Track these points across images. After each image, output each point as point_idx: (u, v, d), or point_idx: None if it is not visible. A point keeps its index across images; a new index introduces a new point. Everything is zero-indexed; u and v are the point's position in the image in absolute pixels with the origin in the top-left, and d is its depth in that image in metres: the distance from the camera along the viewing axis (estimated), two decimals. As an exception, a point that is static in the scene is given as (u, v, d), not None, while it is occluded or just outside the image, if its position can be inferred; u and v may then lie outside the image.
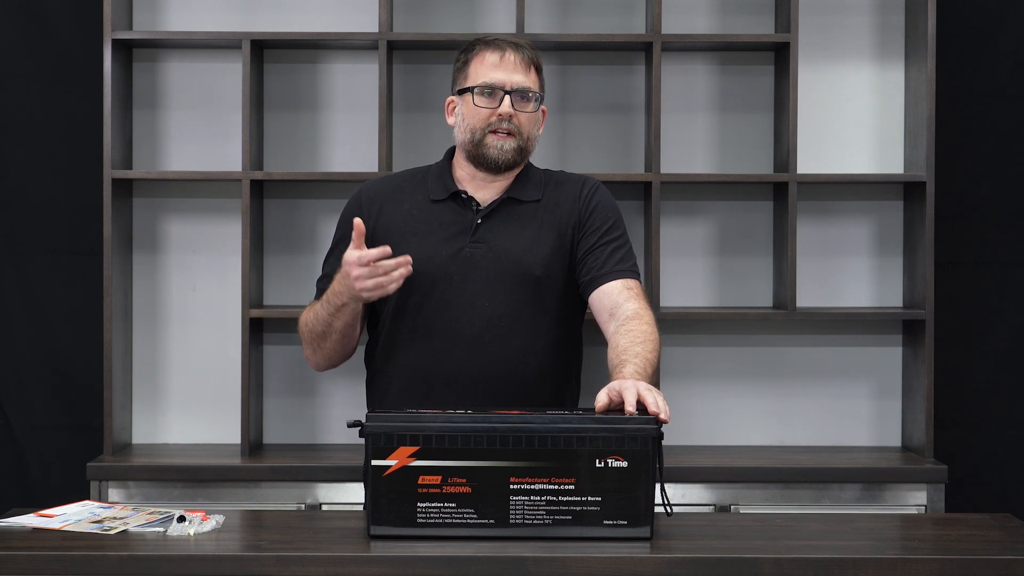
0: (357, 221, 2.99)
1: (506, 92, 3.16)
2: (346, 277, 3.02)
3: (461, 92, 3.22)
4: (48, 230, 4.32)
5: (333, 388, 4.30)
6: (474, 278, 3.16)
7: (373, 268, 2.97)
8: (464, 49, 3.27)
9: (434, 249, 3.17)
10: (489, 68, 3.18)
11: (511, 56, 3.18)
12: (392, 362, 3.24)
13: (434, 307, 3.15)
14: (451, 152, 3.32)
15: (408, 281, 3.15)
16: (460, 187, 3.23)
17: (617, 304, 3.10)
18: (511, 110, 3.15)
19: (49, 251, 4.31)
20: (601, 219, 3.21)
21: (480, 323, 3.15)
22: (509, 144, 3.16)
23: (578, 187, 3.25)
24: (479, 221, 3.18)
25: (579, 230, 3.21)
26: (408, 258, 3.00)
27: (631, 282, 3.15)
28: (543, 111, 3.28)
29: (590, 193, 3.24)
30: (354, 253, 2.99)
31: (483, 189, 3.22)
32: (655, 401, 2.66)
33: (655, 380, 2.98)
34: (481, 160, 3.18)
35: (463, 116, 3.20)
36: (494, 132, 3.16)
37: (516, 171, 3.25)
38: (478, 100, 3.16)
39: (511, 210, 3.21)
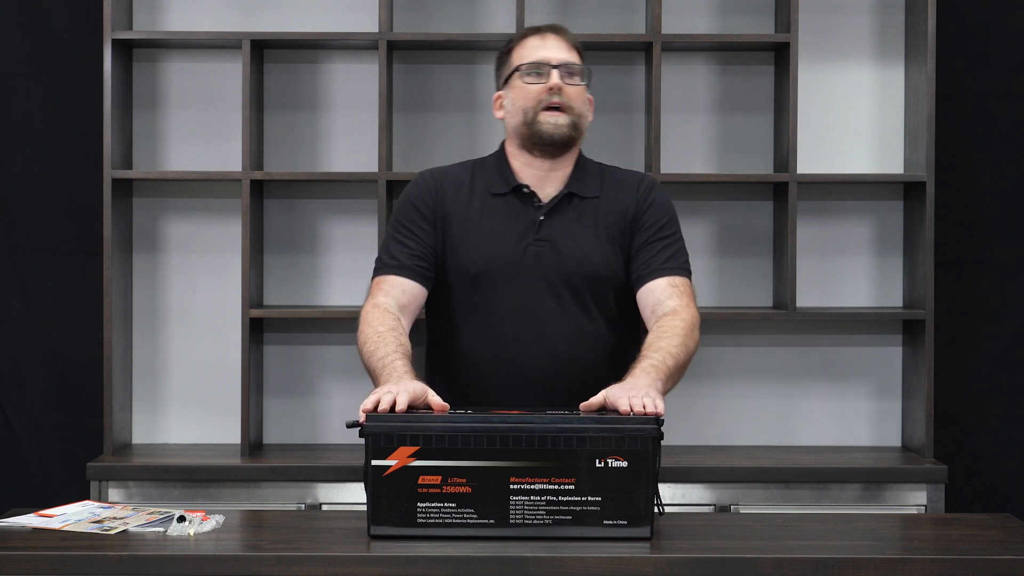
0: (438, 403, 2.74)
1: (553, 67, 3.13)
2: (385, 386, 2.80)
3: (507, 79, 3.17)
4: (48, 230, 4.32)
5: (333, 388, 4.30)
6: (539, 278, 3.13)
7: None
8: (506, 43, 3.25)
9: (499, 247, 3.12)
10: (533, 49, 3.15)
11: (552, 37, 3.17)
12: (454, 357, 3.20)
13: (501, 304, 3.12)
14: (503, 145, 3.25)
15: (474, 278, 3.12)
16: (520, 180, 3.19)
17: (659, 301, 3.08)
18: (560, 82, 3.11)
19: (49, 251, 4.32)
20: (655, 217, 3.17)
21: (549, 322, 3.12)
22: (563, 119, 3.12)
23: (635, 186, 3.20)
24: (541, 218, 3.15)
25: (633, 228, 3.17)
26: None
27: (677, 279, 3.12)
28: (590, 100, 3.24)
29: (646, 191, 3.20)
30: (403, 401, 2.71)
31: (542, 181, 3.17)
32: (641, 403, 2.66)
33: (678, 376, 2.94)
34: (537, 139, 3.12)
35: (512, 100, 3.15)
36: (547, 108, 3.13)
37: (572, 157, 3.20)
38: (526, 78, 3.12)
39: (572, 206, 3.16)
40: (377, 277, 3.15)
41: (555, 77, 3.11)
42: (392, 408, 2.66)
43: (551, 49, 3.15)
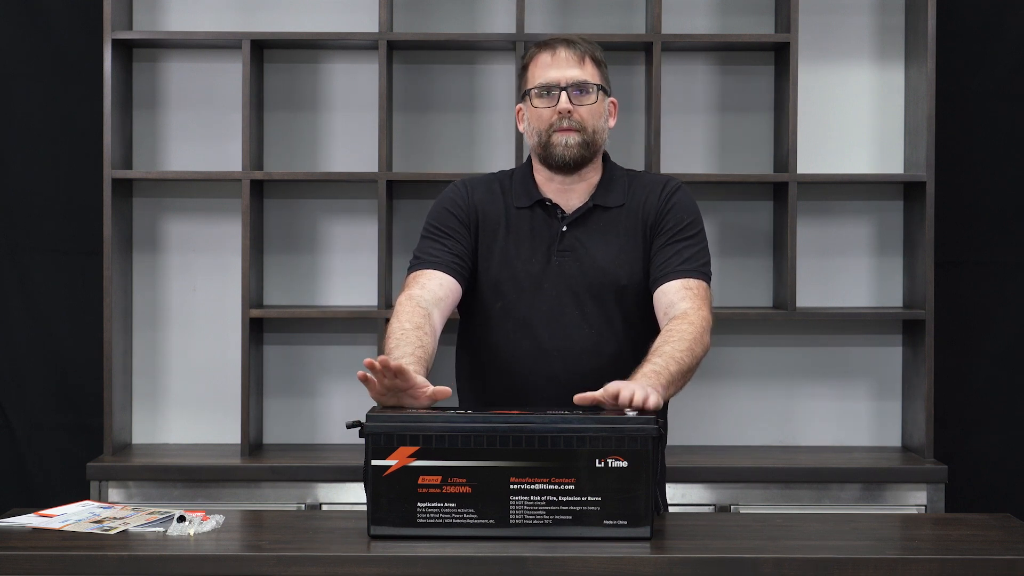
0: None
1: (562, 89, 3.11)
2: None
3: (524, 97, 3.16)
4: (48, 230, 4.32)
5: (333, 388, 4.30)
6: (562, 288, 3.11)
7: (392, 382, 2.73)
8: (524, 55, 3.23)
9: (522, 258, 3.12)
10: (544, 68, 3.12)
11: (563, 52, 3.13)
12: (477, 361, 3.19)
13: (522, 315, 3.11)
14: (531, 157, 3.24)
15: (497, 288, 3.12)
16: (544, 194, 3.19)
17: (672, 304, 3.06)
18: (569, 105, 3.09)
19: (49, 251, 4.32)
20: (675, 219, 3.14)
21: (570, 333, 3.11)
22: (573, 139, 3.10)
23: (659, 189, 3.18)
24: (564, 229, 3.14)
25: (654, 231, 3.16)
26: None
27: (692, 282, 3.09)
28: (613, 103, 3.20)
29: (669, 194, 3.17)
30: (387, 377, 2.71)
31: (566, 194, 3.16)
32: (641, 394, 2.65)
33: (681, 382, 2.92)
34: (550, 160, 3.12)
35: (528, 120, 3.15)
36: (559, 130, 3.12)
37: (593, 170, 3.18)
38: (536, 101, 3.11)
39: (596, 217, 3.15)
40: (413, 272, 3.12)
41: (564, 101, 3.09)
42: (384, 399, 2.69)
43: (561, 67, 3.12)
